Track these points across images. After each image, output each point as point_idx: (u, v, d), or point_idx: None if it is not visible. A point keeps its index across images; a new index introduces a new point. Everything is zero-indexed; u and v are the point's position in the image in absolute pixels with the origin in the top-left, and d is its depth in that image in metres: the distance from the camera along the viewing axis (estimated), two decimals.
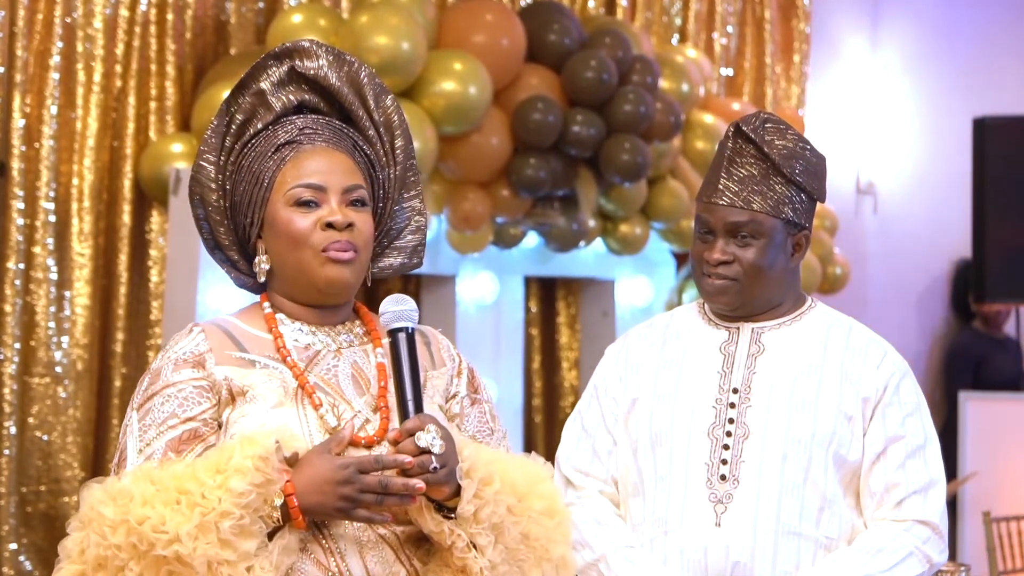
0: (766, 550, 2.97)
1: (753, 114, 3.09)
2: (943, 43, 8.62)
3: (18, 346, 5.39)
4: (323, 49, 2.58)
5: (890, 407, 3.04)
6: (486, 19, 5.91)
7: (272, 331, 2.53)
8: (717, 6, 7.46)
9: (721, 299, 3.08)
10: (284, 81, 2.57)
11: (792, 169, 3.02)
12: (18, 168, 5.38)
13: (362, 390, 2.51)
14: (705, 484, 3.00)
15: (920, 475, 3.02)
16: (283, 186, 2.50)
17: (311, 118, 2.56)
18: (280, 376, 2.48)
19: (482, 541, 2.42)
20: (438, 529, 2.42)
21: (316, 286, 2.51)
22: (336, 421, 2.46)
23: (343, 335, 2.56)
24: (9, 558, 5.36)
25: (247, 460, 2.33)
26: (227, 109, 2.58)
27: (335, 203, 2.50)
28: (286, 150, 2.52)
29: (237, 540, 2.30)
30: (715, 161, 3.10)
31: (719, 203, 3.03)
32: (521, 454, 2.60)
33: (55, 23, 5.46)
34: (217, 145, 2.56)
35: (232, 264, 2.61)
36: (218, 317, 2.62)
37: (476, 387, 2.64)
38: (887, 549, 2.97)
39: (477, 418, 2.62)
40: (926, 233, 8.53)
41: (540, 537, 2.47)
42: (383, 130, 2.59)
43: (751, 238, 3.02)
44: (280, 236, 2.51)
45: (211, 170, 2.56)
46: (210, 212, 2.57)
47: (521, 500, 2.47)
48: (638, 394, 3.09)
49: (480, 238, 6.00)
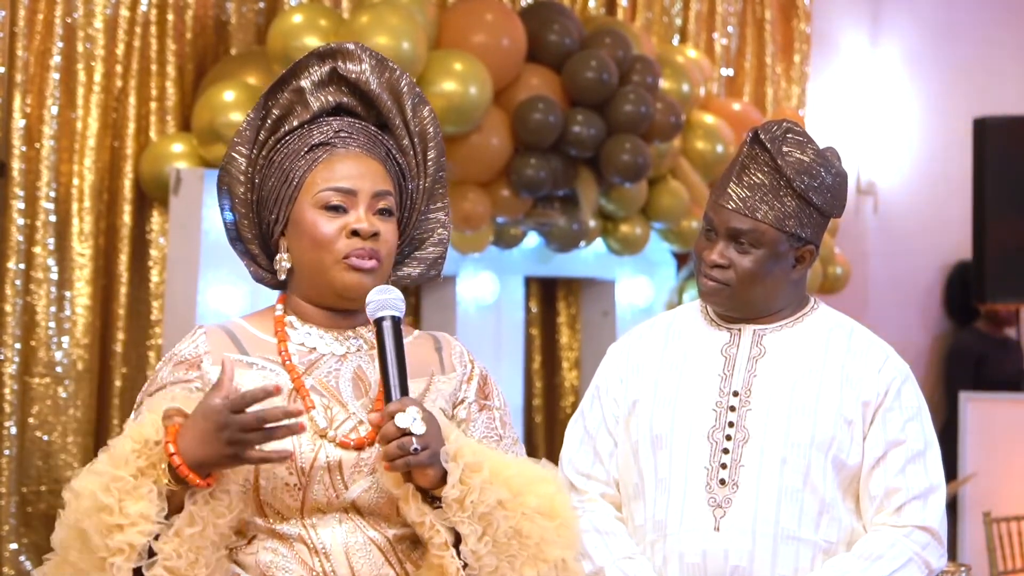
0: (765, 555, 2.96)
1: (776, 122, 3.06)
2: (943, 43, 8.62)
3: (18, 346, 5.39)
4: (367, 53, 2.57)
5: (891, 411, 3.03)
6: (486, 19, 5.91)
7: (278, 334, 2.53)
8: (717, 6, 7.46)
9: (712, 300, 3.08)
10: (325, 81, 2.57)
11: (804, 184, 2.98)
12: (18, 168, 5.38)
13: (361, 393, 2.51)
14: (704, 488, 2.99)
15: (920, 480, 3.01)
16: (312, 187, 2.50)
17: (347, 121, 2.55)
18: (276, 378, 2.48)
19: (465, 530, 2.39)
20: (420, 519, 2.41)
21: (334, 290, 2.51)
22: (325, 423, 2.46)
23: (352, 339, 2.56)
24: (9, 558, 5.36)
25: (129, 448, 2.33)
26: (264, 103, 2.57)
27: (363, 210, 2.49)
28: (319, 151, 2.51)
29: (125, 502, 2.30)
30: (731, 163, 3.08)
31: (726, 206, 3.01)
32: (528, 458, 2.57)
33: (55, 23, 5.46)
34: (251, 138, 2.56)
35: (252, 258, 2.60)
36: (227, 320, 2.62)
37: (487, 393, 2.62)
38: (886, 555, 2.97)
39: (484, 424, 2.59)
40: (926, 233, 8.53)
41: (533, 535, 2.43)
42: (417, 140, 2.58)
43: (751, 246, 3.01)
44: (304, 237, 2.50)
45: (242, 162, 2.55)
46: (236, 204, 2.56)
47: (515, 496, 2.44)
48: (639, 395, 3.09)
49: (480, 238, 6.00)
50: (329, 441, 2.45)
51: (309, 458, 2.43)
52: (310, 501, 2.44)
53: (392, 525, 2.47)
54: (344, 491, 2.45)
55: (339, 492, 2.45)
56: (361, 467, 2.45)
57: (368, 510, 2.47)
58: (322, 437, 2.45)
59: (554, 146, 6.01)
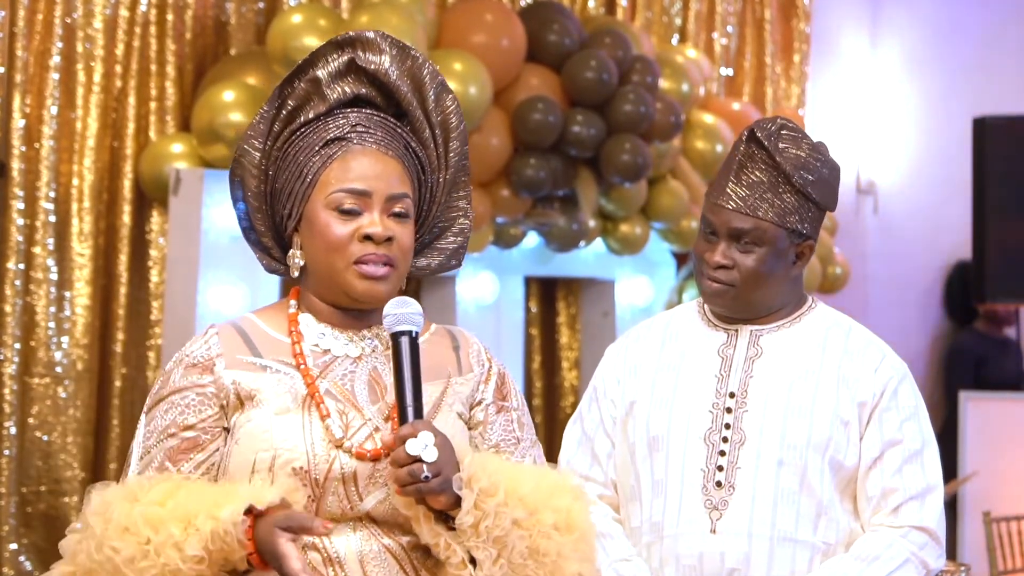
0: (761, 557, 2.96)
1: (770, 119, 3.06)
2: (943, 43, 8.62)
3: (18, 346, 5.39)
4: (387, 42, 2.49)
5: (888, 412, 3.02)
6: (486, 19, 5.91)
7: (292, 334, 2.48)
8: (717, 6, 7.46)
9: (717, 301, 3.07)
10: (342, 72, 2.49)
11: (803, 179, 2.98)
12: (18, 168, 5.38)
13: (377, 397, 2.46)
14: (701, 490, 2.99)
15: (917, 480, 3.01)
16: (326, 186, 2.43)
17: (365, 114, 2.47)
18: (290, 382, 2.43)
19: (480, 555, 2.34)
20: (434, 540, 2.36)
21: (348, 294, 2.46)
22: (342, 432, 2.40)
23: (367, 340, 2.51)
24: (9, 558, 5.36)
25: (209, 523, 2.29)
26: (279, 93, 2.49)
27: (377, 213, 2.43)
28: (334, 147, 2.44)
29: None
30: (726, 162, 3.06)
31: (725, 206, 3.00)
32: (543, 465, 2.53)
33: (55, 23, 5.46)
34: (264, 131, 2.49)
35: (265, 250, 2.54)
36: (240, 316, 2.56)
37: (504, 394, 2.55)
38: (883, 556, 2.96)
39: (502, 426, 2.53)
40: (926, 233, 8.53)
41: (551, 552, 2.38)
42: (439, 131, 2.51)
43: (753, 245, 3.00)
44: (316, 237, 2.45)
45: (256, 156, 2.48)
46: (249, 197, 2.50)
47: (532, 514, 2.38)
48: (636, 397, 3.08)
49: (480, 238, 6.00)
50: (344, 451, 2.40)
51: (323, 469, 2.38)
52: (324, 511, 2.39)
53: (406, 533, 2.42)
54: (359, 502, 2.40)
55: (353, 504, 2.40)
56: (376, 478, 2.40)
57: (383, 519, 2.42)
58: (337, 447, 2.40)
59: (554, 146, 6.01)
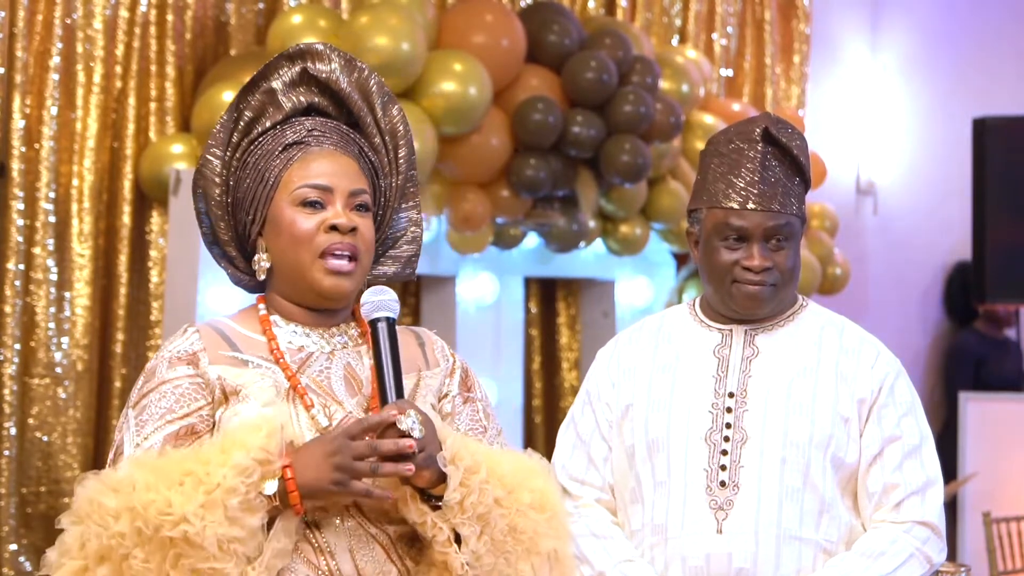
0: (768, 556, 2.96)
1: (764, 115, 3.06)
2: (943, 43, 8.62)
3: (18, 347, 5.39)
4: (335, 53, 2.60)
5: (885, 408, 3.03)
6: (486, 19, 5.91)
7: (266, 333, 2.54)
8: (717, 7, 7.46)
9: (759, 305, 3.04)
10: (296, 82, 2.59)
11: (805, 164, 3.03)
12: (18, 169, 5.38)
13: (354, 391, 2.52)
14: (705, 490, 2.98)
15: (917, 475, 3.01)
16: (289, 185, 2.51)
17: (320, 120, 2.57)
18: (273, 376, 2.49)
19: (466, 531, 2.41)
20: (421, 520, 2.42)
21: (314, 290, 2.52)
22: (327, 421, 2.46)
23: (337, 337, 2.57)
24: (9, 559, 5.36)
25: (250, 436, 2.34)
26: (237, 106, 2.59)
27: (340, 206, 2.51)
28: (294, 150, 2.53)
29: (244, 516, 2.31)
30: (734, 165, 3.01)
31: (758, 208, 2.98)
32: (515, 449, 2.60)
33: (55, 24, 5.46)
34: (224, 140, 2.58)
35: (230, 260, 2.62)
36: (212, 319, 2.63)
37: (469, 386, 2.64)
38: (888, 552, 2.97)
39: (469, 416, 2.61)
40: (926, 233, 8.53)
41: (527, 530, 2.46)
42: (388, 138, 2.61)
43: (784, 241, 3.01)
44: (282, 235, 2.52)
45: (217, 164, 2.57)
46: (212, 207, 2.58)
47: (510, 493, 2.46)
48: (632, 400, 3.08)
49: (480, 239, 6.00)
50: None
51: None
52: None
53: (392, 522, 2.47)
54: None
55: None
56: None
57: (369, 507, 2.46)
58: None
59: (554, 146, 6.01)
